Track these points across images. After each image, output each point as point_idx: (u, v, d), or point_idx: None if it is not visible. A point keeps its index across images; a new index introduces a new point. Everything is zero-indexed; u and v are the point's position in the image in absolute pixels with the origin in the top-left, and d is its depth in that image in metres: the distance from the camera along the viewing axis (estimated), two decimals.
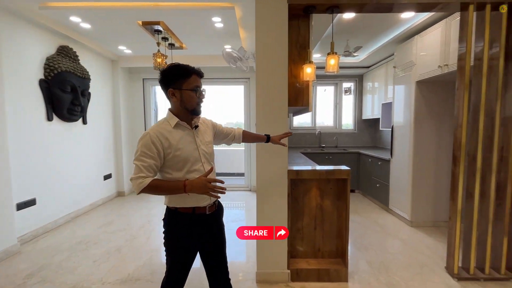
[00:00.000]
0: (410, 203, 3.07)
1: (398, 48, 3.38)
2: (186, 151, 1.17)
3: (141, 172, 1.10)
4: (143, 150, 1.11)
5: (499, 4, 1.90)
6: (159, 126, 1.17)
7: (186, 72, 1.17)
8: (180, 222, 1.20)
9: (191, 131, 1.23)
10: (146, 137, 1.12)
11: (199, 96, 1.19)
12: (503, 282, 2.01)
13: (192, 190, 1.08)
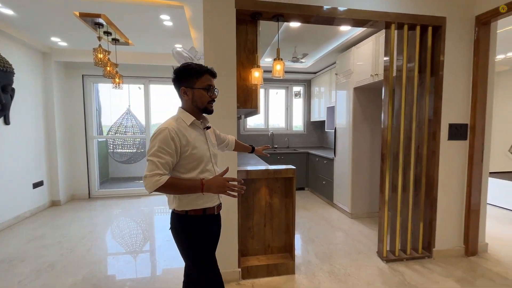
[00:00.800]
0: (350, 197, 3.40)
1: (339, 57, 3.72)
2: (201, 151, 1.17)
3: (158, 169, 1.04)
4: (161, 145, 1.06)
5: (415, 25, 2.26)
6: (176, 122, 1.14)
7: (198, 71, 1.16)
8: (196, 224, 1.17)
9: (203, 131, 1.23)
10: (164, 132, 1.07)
11: (211, 95, 1.19)
12: (420, 260, 2.38)
13: (209, 189, 1.07)
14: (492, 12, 2.18)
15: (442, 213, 2.40)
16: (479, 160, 2.38)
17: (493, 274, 2.14)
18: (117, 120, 4.86)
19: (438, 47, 2.30)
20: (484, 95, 2.34)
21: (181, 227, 1.18)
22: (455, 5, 2.29)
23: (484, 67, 2.32)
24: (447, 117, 2.34)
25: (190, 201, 1.15)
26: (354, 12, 2.16)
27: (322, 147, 5.33)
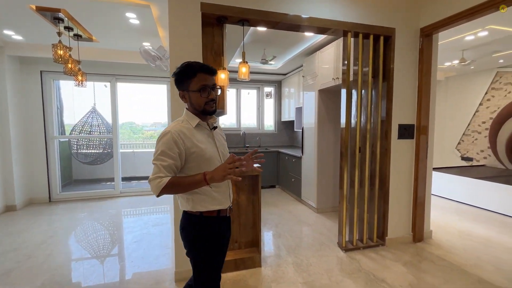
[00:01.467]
0: (315, 193, 3.61)
1: (305, 60, 3.91)
2: (210, 152, 1.13)
3: (160, 172, 1.04)
4: (163, 149, 1.05)
5: (369, 35, 2.47)
6: (180, 125, 1.11)
7: (190, 71, 1.10)
8: (210, 225, 1.15)
9: (210, 132, 1.19)
10: (167, 136, 1.06)
11: (208, 95, 1.11)
12: (375, 248, 2.62)
13: (213, 178, 1.02)
14: (434, 25, 2.46)
15: (393, 205, 2.66)
16: (424, 157, 2.67)
17: (434, 257, 2.44)
18: (81, 119, 4.63)
19: (389, 55, 2.55)
20: (428, 99, 2.64)
21: (195, 229, 1.15)
22: (403, 17, 2.55)
23: (427, 74, 2.61)
24: (397, 118, 2.60)
25: (204, 202, 1.13)
26: (315, 20, 2.32)
27: (292, 146, 5.54)
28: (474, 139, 5.55)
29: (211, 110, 1.15)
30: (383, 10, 2.50)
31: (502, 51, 4.05)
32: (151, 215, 3.65)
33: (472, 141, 5.60)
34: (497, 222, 3.28)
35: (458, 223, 3.27)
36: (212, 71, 1.15)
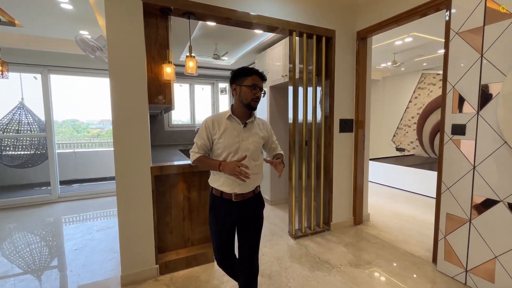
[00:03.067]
0: (269, 187, 3.74)
1: (257, 57, 3.99)
2: (227, 142, 1.35)
3: (195, 149, 1.40)
4: (199, 132, 1.40)
5: (312, 35, 2.63)
6: (218, 115, 1.40)
7: (248, 71, 1.34)
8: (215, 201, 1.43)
9: (240, 126, 1.37)
10: (203, 123, 1.39)
11: (255, 93, 1.33)
12: (321, 233, 2.84)
13: (224, 169, 1.29)
14: (368, 29, 2.73)
15: (336, 193, 2.91)
16: (362, 148, 2.97)
17: (370, 236, 2.74)
18: (5, 116, 4.02)
19: (330, 55, 2.75)
20: (364, 96, 2.93)
21: (210, 201, 1.47)
22: (342, 21, 2.78)
23: (363, 74, 2.89)
24: (338, 113, 2.83)
25: (213, 180, 1.43)
26: (263, 18, 2.38)
27: None
28: (406, 132, 6.34)
29: (254, 106, 1.36)
30: (325, 12, 2.68)
31: (425, 55, 4.68)
32: (96, 220, 3.37)
33: (404, 133, 6.38)
34: (422, 203, 3.82)
35: (391, 206, 3.72)
36: (264, 77, 1.40)
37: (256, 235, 1.45)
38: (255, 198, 1.46)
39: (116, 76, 1.85)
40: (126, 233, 1.95)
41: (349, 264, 2.22)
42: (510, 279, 1.67)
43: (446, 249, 2.02)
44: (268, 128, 1.53)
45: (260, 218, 1.47)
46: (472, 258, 1.86)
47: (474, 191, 1.83)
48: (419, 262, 2.23)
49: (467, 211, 1.88)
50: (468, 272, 1.89)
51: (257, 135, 1.42)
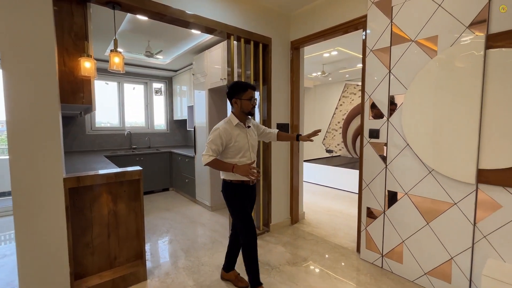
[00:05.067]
0: (209, 192, 3.63)
1: (195, 58, 3.85)
2: (241, 143, 1.72)
3: (209, 152, 1.67)
4: (212, 139, 1.67)
5: (250, 40, 2.67)
6: (226, 124, 1.72)
7: (244, 87, 1.71)
8: (237, 188, 1.78)
9: (244, 129, 1.77)
10: (216, 131, 1.68)
11: (253, 103, 1.73)
12: (262, 235, 2.88)
13: (237, 171, 1.62)
14: (300, 40, 2.93)
15: (275, 194, 3.01)
16: (297, 151, 3.16)
17: (305, 233, 2.92)
18: None
19: (267, 62, 2.84)
20: (298, 102, 3.13)
21: (229, 190, 1.80)
22: (277, 30, 2.91)
23: (297, 81, 3.09)
24: (275, 118, 2.95)
25: (231, 175, 1.75)
26: (201, 19, 2.30)
27: (187, 146, 5.37)
28: (333, 136, 7.07)
29: (253, 112, 1.77)
30: (262, 20, 2.77)
31: (347, 68, 5.33)
32: None
33: (332, 137, 7.11)
34: (348, 199, 4.30)
35: (323, 203, 4.07)
36: (255, 88, 1.78)
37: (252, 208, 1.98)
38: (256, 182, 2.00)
39: (12, 67, 1.49)
40: (27, 261, 1.57)
41: (287, 263, 2.30)
42: (413, 259, 2.00)
43: (367, 239, 2.30)
44: (255, 124, 1.95)
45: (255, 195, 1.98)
46: (386, 244, 2.17)
47: (386, 186, 2.14)
48: (346, 253, 2.47)
49: (382, 204, 2.18)
50: (384, 256, 2.19)
51: (254, 132, 1.88)
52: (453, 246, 1.79)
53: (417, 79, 1.90)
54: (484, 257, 1.66)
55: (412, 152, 1.95)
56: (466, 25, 1.66)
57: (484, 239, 1.66)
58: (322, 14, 2.67)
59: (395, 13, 2.01)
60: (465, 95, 1.67)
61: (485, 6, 1.58)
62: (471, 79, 1.64)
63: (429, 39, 1.84)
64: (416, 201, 1.96)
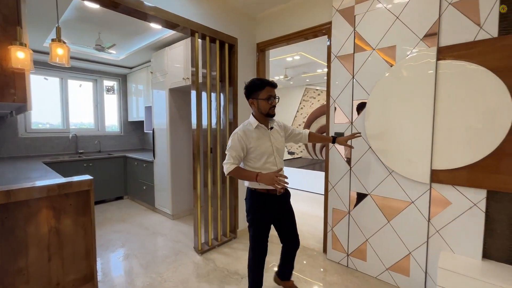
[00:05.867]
0: (171, 199, 3.39)
1: (154, 55, 3.57)
2: (263, 147, 1.56)
3: (231, 160, 1.53)
4: (232, 145, 1.54)
5: (215, 39, 2.55)
6: (245, 127, 1.58)
7: (261, 85, 1.54)
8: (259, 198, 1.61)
9: (267, 131, 1.61)
10: (234, 136, 1.55)
11: (271, 103, 1.55)
12: (229, 242, 2.77)
13: (262, 181, 1.46)
14: (265, 43, 2.91)
15: (242, 198, 2.93)
16: None
17: (273, 237, 2.87)
18: None
19: (233, 63, 2.76)
20: None
21: (252, 200, 1.62)
22: (243, 31, 2.85)
23: None
24: (242, 120, 2.87)
25: (255, 184, 1.57)
26: (161, 12, 2.11)
27: (144, 149, 4.97)
28: None
29: (272, 113, 1.58)
30: (228, 19, 2.67)
31: (309, 73, 5.52)
32: None
33: None
34: (310, 199, 4.42)
35: None
36: (275, 85, 1.57)
37: (293, 215, 1.82)
38: (287, 190, 1.75)
39: None
40: None
41: None
42: (376, 256, 2.10)
43: (333, 239, 2.36)
44: (282, 125, 1.78)
45: (290, 205, 1.81)
46: (351, 244, 2.25)
47: (351, 187, 2.22)
48: (313, 254, 2.51)
49: (346, 205, 2.26)
50: (349, 256, 2.27)
51: (280, 135, 1.69)
52: (410, 242, 1.93)
53: (378, 86, 2.01)
54: (437, 250, 1.82)
55: (374, 154, 2.06)
56: (420, 37, 1.81)
57: (437, 234, 1.82)
58: (288, 18, 2.69)
59: (357, 22, 2.10)
60: (420, 102, 1.81)
61: (436, 20, 1.74)
62: (425, 87, 1.79)
63: (388, 49, 1.96)
64: (378, 201, 2.07)
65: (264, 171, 1.55)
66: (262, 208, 1.62)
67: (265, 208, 1.62)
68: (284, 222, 1.76)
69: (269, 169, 1.57)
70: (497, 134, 1.56)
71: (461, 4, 1.66)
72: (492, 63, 1.57)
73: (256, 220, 1.64)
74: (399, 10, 1.89)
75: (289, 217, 1.77)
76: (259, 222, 1.64)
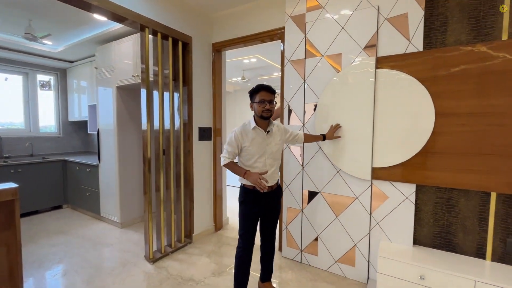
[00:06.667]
0: (119, 205, 3.12)
1: (99, 49, 3.27)
2: (256, 148, 1.68)
3: (226, 154, 1.69)
4: (229, 141, 1.70)
5: (168, 36, 2.44)
6: (244, 127, 1.71)
7: (257, 89, 1.69)
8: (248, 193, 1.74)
9: (263, 133, 1.70)
10: (232, 133, 1.69)
11: (264, 106, 1.64)
12: (183, 248, 2.66)
13: (247, 178, 1.64)
14: (221, 44, 2.89)
15: (198, 201, 2.85)
16: (220, 155, 3.09)
17: (230, 239, 2.88)
18: None
19: (188, 62, 2.67)
20: (220, 105, 3.07)
21: (240, 194, 1.79)
22: (199, 29, 2.78)
23: (219, 85, 3.03)
24: (197, 121, 2.80)
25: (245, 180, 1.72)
26: (106, 3, 1.94)
27: (88, 152, 4.50)
28: None
29: (266, 116, 1.65)
30: (182, 16, 2.58)
31: (265, 75, 5.64)
32: None
33: None
34: None
35: None
36: (270, 90, 1.67)
37: (277, 216, 1.89)
38: (277, 189, 1.85)
39: None
40: None
41: (212, 274, 2.19)
42: (326, 250, 2.24)
43: (288, 237, 2.44)
44: (283, 129, 1.85)
45: (280, 204, 1.93)
46: (304, 240, 2.35)
47: (303, 186, 2.32)
48: None
49: (300, 203, 2.35)
50: (302, 251, 2.37)
51: (277, 138, 1.78)
52: (356, 234, 2.09)
53: (326, 90, 2.15)
54: (378, 241, 2.01)
55: (324, 154, 2.19)
56: (362, 47, 1.98)
57: (377, 225, 2.01)
58: (244, 20, 2.71)
59: (308, 29, 2.22)
60: (362, 106, 1.99)
61: (374, 33, 1.93)
62: (366, 93, 1.97)
63: (334, 56, 2.11)
64: (328, 198, 2.20)
65: (252, 170, 1.69)
66: (248, 202, 1.75)
67: (251, 202, 1.74)
68: (266, 220, 1.86)
69: (257, 169, 1.69)
70: (423, 135, 1.79)
71: (395, 20, 1.87)
72: (419, 73, 1.80)
73: (243, 212, 1.77)
74: (344, 21, 2.05)
75: (271, 217, 1.86)
76: (246, 214, 1.76)
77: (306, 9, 2.23)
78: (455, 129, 1.72)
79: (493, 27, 1.63)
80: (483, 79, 1.63)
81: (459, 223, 1.78)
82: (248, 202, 1.75)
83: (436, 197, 1.84)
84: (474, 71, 1.65)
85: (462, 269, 1.59)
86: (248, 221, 1.76)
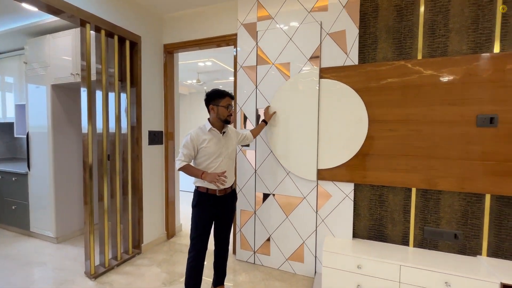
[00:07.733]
0: (54, 218, 2.78)
1: (29, 42, 2.89)
2: (212, 149, 1.71)
3: (182, 157, 1.69)
4: (184, 143, 1.70)
5: (113, 34, 2.29)
6: (199, 129, 1.74)
7: (221, 94, 1.74)
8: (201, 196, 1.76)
9: (219, 135, 1.75)
10: (188, 136, 1.70)
11: (229, 110, 1.75)
12: (131, 260, 2.49)
13: (205, 178, 1.63)
14: (173, 45, 2.82)
15: (147, 209, 2.70)
16: (172, 160, 2.99)
17: (183, 246, 2.79)
18: None
19: (136, 62, 2.54)
20: (172, 108, 2.98)
21: (194, 197, 1.79)
22: (148, 29, 2.67)
23: (171, 87, 2.94)
24: (147, 125, 2.67)
25: (199, 181, 1.74)
26: None
27: (14, 159, 3.90)
28: None
29: (230, 120, 1.78)
30: (130, 14, 2.45)
31: (221, 79, 5.65)
32: None
33: None
34: None
35: None
36: (233, 98, 1.81)
37: (231, 220, 1.92)
38: (232, 193, 1.89)
39: None
40: None
41: (163, 284, 2.10)
42: (278, 249, 2.33)
43: (242, 240, 2.48)
44: (235, 131, 1.94)
45: (234, 208, 1.96)
46: (257, 241, 2.41)
47: (256, 188, 2.39)
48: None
49: (252, 205, 2.41)
50: (255, 253, 2.42)
51: (231, 139, 1.84)
52: (304, 232, 2.23)
53: (276, 96, 2.26)
54: (323, 236, 2.17)
55: (275, 157, 2.29)
56: (308, 58, 2.15)
57: (323, 222, 2.17)
58: (198, 24, 2.70)
59: (259, 37, 2.31)
60: (308, 112, 2.15)
61: (318, 46, 2.11)
62: (311, 99, 2.13)
63: (284, 65, 2.24)
64: (279, 199, 2.31)
65: (208, 170, 1.71)
66: (202, 205, 1.76)
67: (205, 205, 1.75)
68: (221, 224, 1.87)
69: (213, 169, 1.72)
70: (359, 139, 2.01)
71: (335, 35, 2.08)
72: (355, 84, 2.02)
73: (196, 216, 1.77)
74: (292, 32, 2.20)
75: (225, 221, 1.88)
76: (199, 218, 1.76)
77: (257, 18, 2.32)
78: (385, 134, 1.97)
79: (411, 48, 1.93)
80: (405, 91, 1.91)
81: (388, 216, 2.03)
82: (202, 205, 1.75)
83: (371, 194, 2.08)
84: (398, 84, 1.92)
85: (390, 256, 1.82)
86: (201, 225, 1.75)
